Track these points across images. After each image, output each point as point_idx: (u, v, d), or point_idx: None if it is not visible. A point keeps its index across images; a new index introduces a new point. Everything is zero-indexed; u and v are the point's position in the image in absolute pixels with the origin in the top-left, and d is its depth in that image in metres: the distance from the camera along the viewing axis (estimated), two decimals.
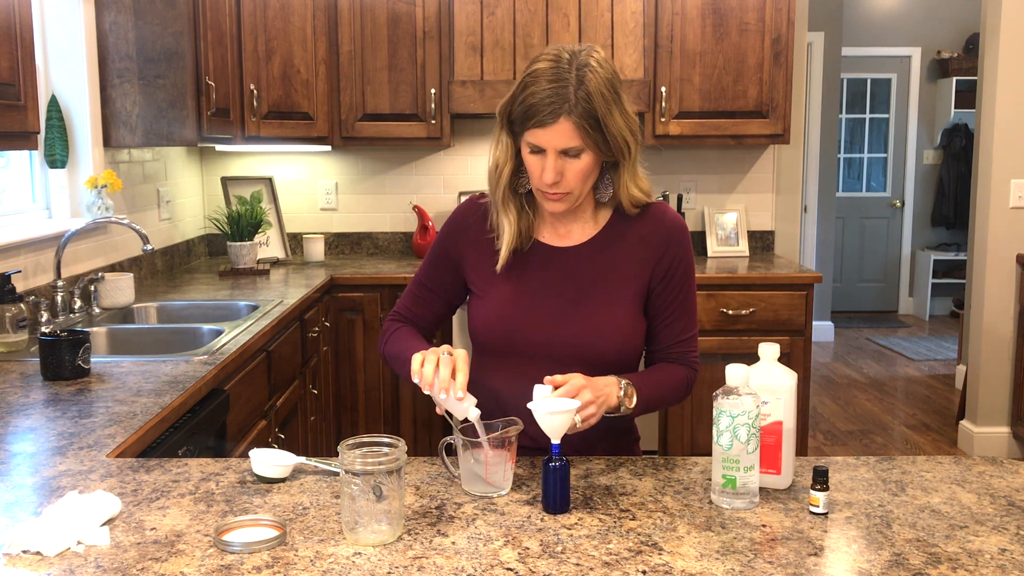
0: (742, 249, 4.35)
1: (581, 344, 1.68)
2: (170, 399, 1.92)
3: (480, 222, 1.76)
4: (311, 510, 1.35)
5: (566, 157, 1.59)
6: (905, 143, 8.27)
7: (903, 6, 8.03)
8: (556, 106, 1.55)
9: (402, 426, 3.83)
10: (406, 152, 4.43)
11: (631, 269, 1.71)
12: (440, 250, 1.81)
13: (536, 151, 1.60)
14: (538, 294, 1.70)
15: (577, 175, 1.62)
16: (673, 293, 1.73)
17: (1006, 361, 4.44)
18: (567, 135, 1.57)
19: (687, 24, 3.95)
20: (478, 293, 1.76)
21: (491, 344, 1.72)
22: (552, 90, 1.55)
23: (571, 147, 1.58)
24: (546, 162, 1.59)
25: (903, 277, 8.42)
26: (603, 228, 1.74)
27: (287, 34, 3.77)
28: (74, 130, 3.10)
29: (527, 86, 1.58)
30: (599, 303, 1.69)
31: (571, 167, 1.60)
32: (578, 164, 1.61)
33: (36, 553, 1.19)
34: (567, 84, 1.55)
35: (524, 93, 1.58)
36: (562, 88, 1.55)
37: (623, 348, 1.70)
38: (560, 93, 1.55)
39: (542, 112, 1.55)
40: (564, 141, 1.57)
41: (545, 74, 1.57)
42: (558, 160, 1.59)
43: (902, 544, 1.25)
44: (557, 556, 1.20)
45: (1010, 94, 4.31)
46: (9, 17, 1.97)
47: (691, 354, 1.77)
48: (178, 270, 3.91)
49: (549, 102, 1.55)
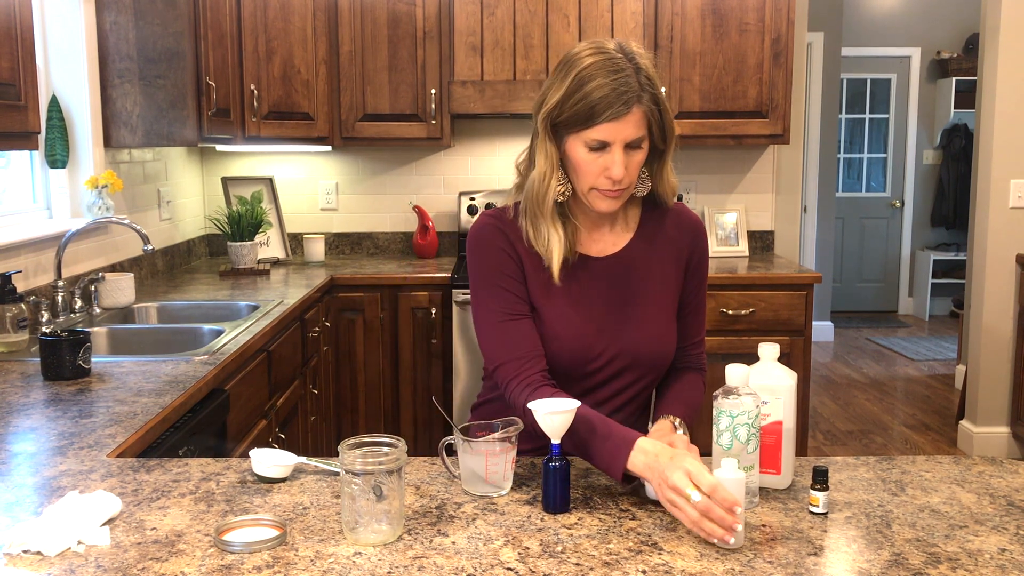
0: (742, 249, 4.35)
1: (641, 352, 1.67)
2: (170, 399, 1.92)
3: (517, 236, 1.67)
4: (311, 510, 1.35)
5: (628, 149, 1.55)
6: (905, 143, 8.27)
7: (903, 6, 8.03)
8: (628, 95, 1.50)
9: (402, 426, 3.83)
10: (406, 152, 4.43)
11: (668, 270, 1.71)
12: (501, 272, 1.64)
13: (597, 148, 1.54)
14: (592, 306, 1.67)
15: (636, 167, 1.58)
16: (695, 293, 1.75)
17: (1006, 361, 4.44)
18: (637, 124, 1.53)
19: (687, 24, 3.95)
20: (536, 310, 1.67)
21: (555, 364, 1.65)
22: (620, 79, 1.50)
23: (638, 137, 1.54)
24: (612, 157, 1.54)
25: (903, 277, 8.41)
26: (636, 233, 1.71)
27: (287, 34, 3.77)
28: (74, 130, 3.11)
29: (585, 82, 1.51)
30: (647, 309, 1.68)
31: (633, 159, 1.57)
32: (639, 155, 1.57)
33: (37, 553, 1.19)
34: (629, 73, 1.52)
35: (583, 91, 1.51)
36: (627, 77, 1.51)
37: (670, 351, 1.72)
38: (627, 83, 1.51)
39: (615, 104, 1.50)
40: (634, 131, 1.53)
41: (603, 67, 1.52)
42: (624, 153, 1.55)
43: (902, 544, 1.25)
44: (557, 556, 1.20)
45: (1010, 94, 4.31)
46: (9, 17, 1.97)
47: (703, 356, 1.80)
48: (178, 270, 3.91)
49: (620, 92, 1.50)
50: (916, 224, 8.35)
